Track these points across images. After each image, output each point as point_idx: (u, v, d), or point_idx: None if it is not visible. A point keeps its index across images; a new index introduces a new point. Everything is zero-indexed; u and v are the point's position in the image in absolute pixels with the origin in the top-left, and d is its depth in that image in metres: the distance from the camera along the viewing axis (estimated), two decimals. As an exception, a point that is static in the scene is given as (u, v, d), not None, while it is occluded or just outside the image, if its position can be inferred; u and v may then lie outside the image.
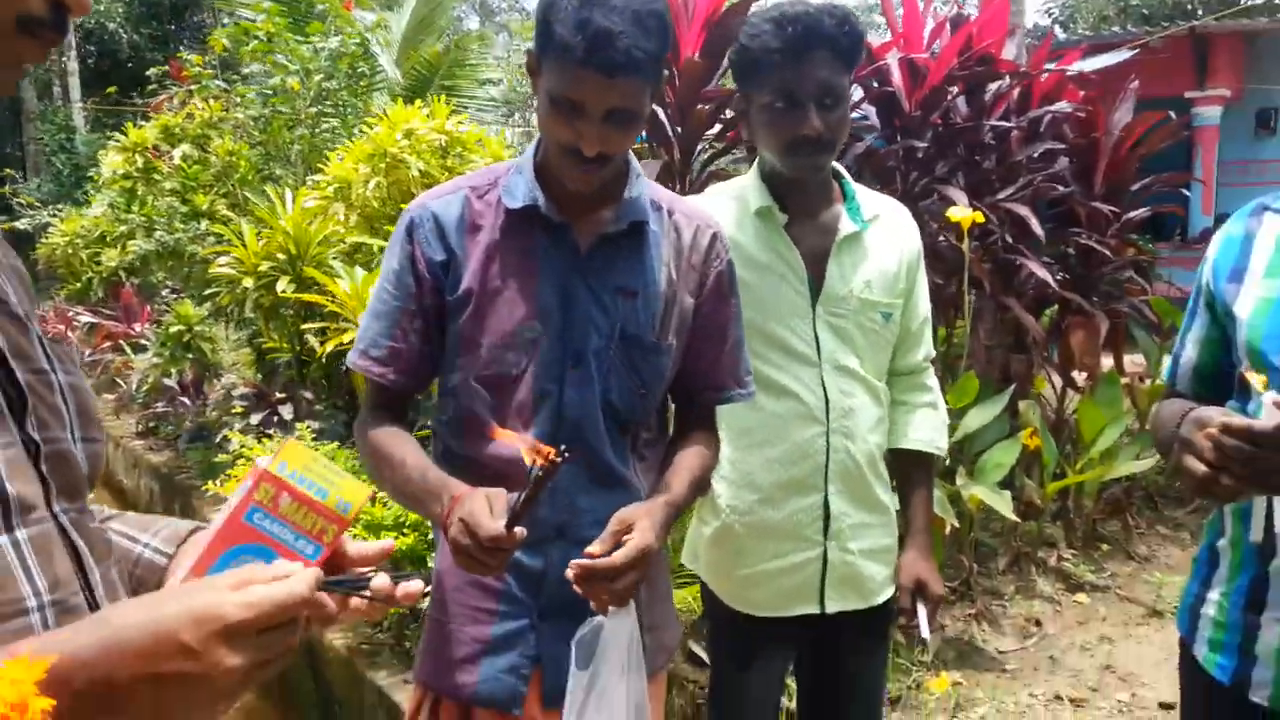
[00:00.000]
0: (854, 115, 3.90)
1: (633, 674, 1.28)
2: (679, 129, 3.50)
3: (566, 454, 1.09)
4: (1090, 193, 4.42)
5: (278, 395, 4.57)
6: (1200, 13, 9.41)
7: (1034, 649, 3.46)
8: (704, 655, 2.78)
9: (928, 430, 1.84)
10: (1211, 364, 1.44)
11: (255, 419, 4.36)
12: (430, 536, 2.69)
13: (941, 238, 3.89)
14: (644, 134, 3.88)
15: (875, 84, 3.76)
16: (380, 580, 0.77)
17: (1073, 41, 7.87)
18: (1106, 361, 4.49)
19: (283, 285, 4.46)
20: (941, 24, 4.00)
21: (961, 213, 3.19)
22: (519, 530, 1.15)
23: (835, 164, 1.79)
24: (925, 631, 1.76)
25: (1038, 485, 4.00)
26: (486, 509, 1.17)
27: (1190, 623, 1.43)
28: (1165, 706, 3.02)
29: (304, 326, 4.47)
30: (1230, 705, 1.34)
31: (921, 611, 1.78)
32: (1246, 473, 1.09)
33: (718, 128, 3.60)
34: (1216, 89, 9.44)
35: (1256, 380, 1.14)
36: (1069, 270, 4.54)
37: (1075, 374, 4.44)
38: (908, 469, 1.86)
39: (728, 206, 1.75)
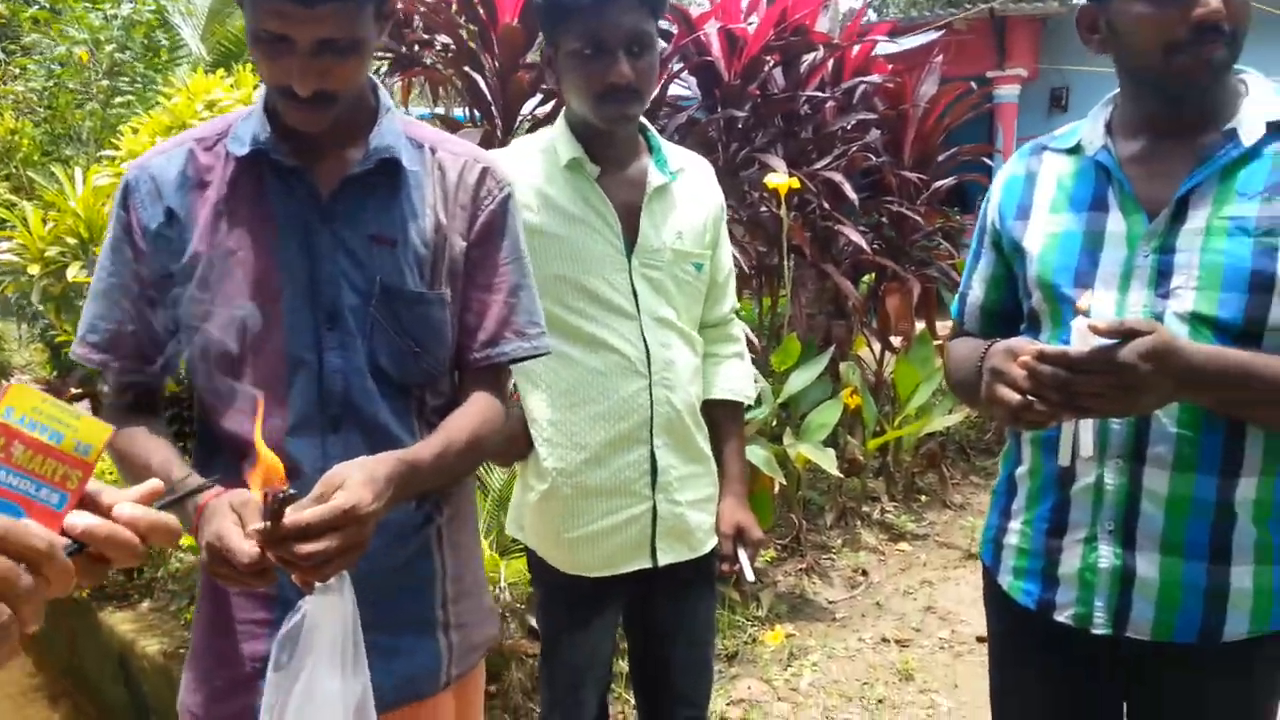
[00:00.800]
0: (676, 87, 3.95)
1: (350, 669, 1.05)
2: (499, 98, 3.43)
3: (293, 493, 0.97)
4: (900, 162, 4.62)
5: (73, 391, 4.23)
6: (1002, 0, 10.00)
7: (861, 597, 3.61)
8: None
9: (737, 380, 1.88)
10: (998, 301, 1.49)
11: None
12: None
13: (764, 208, 3.99)
14: (461, 101, 3.80)
15: (695, 54, 3.80)
16: (126, 510, 0.67)
17: (884, 21, 8.21)
18: (920, 324, 4.72)
19: (74, 271, 4.10)
20: (757, -5, 4.08)
21: (779, 179, 3.26)
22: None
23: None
24: (749, 574, 1.80)
25: (860, 443, 4.17)
26: (235, 530, 1.02)
27: (994, 553, 1.47)
28: (981, 640, 3.21)
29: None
30: (1038, 629, 1.39)
31: (743, 555, 1.81)
32: (1060, 398, 1.12)
33: (540, 97, 3.55)
34: (1014, 69, 10.07)
35: (1083, 299, 1.18)
36: (883, 238, 4.74)
37: (892, 337, 4.65)
38: (719, 418, 1.87)
39: (536, 160, 1.71)
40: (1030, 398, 1.14)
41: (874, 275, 4.78)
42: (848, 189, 3.94)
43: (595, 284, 1.67)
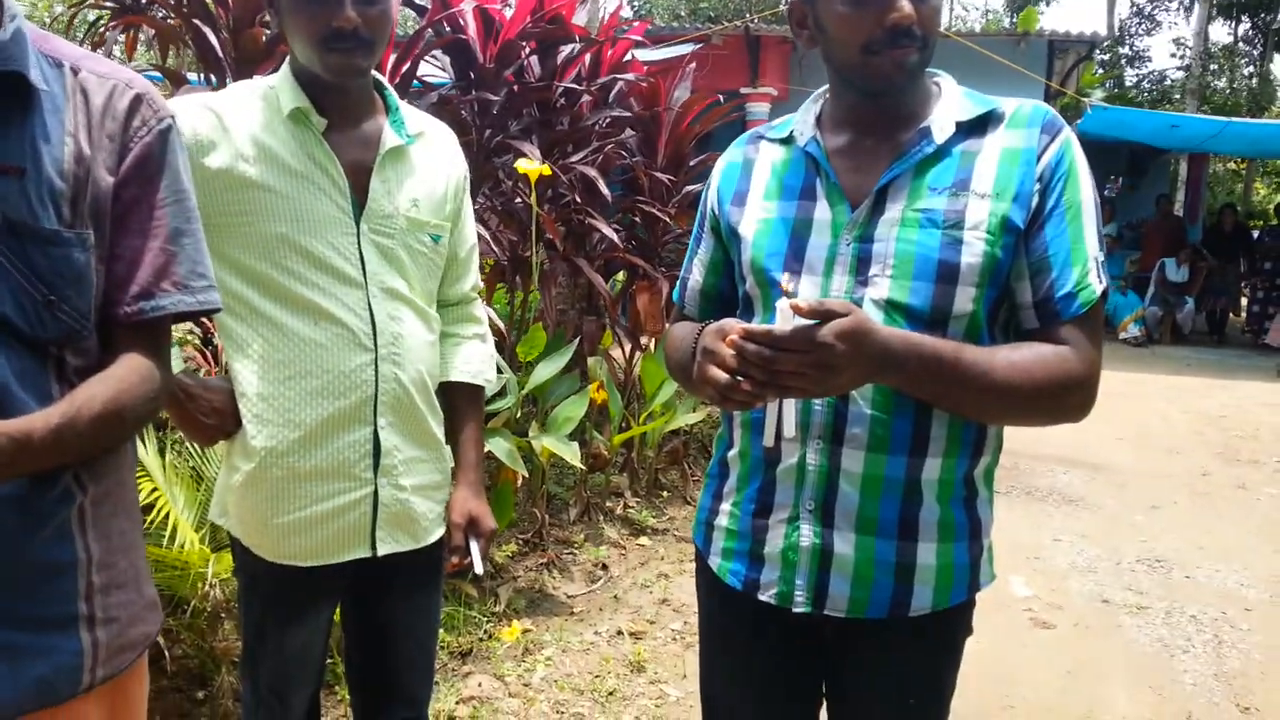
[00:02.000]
0: (427, 65, 3.81)
1: None
2: (231, 55, 3.16)
3: None
4: (653, 163, 4.70)
5: None
6: (756, 20, 10.50)
7: (600, 591, 3.62)
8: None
9: (477, 362, 1.79)
10: (715, 285, 1.51)
11: None
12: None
13: (517, 198, 3.92)
14: (193, 60, 3.48)
15: (449, 31, 3.67)
16: None
17: (645, 32, 8.40)
18: (669, 324, 4.82)
19: None
20: (515, -21, 4.00)
21: (530, 165, 3.21)
22: None
23: (376, 73, 1.66)
24: (479, 567, 1.71)
25: (605, 438, 4.19)
26: None
27: (705, 535, 1.48)
28: (711, 631, 3.29)
29: None
30: (746, 610, 1.41)
31: (474, 547, 1.73)
32: (764, 376, 1.14)
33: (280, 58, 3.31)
34: (766, 87, 10.61)
35: (786, 281, 1.20)
36: (635, 238, 4.81)
37: (641, 336, 4.72)
38: (457, 402, 1.78)
39: (254, 105, 1.55)
40: (737, 377, 1.16)
41: (625, 274, 4.84)
42: (601, 185, 3.95)
43: (318, 247, 1.53)
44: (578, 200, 4.11)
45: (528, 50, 3.89)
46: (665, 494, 4.65)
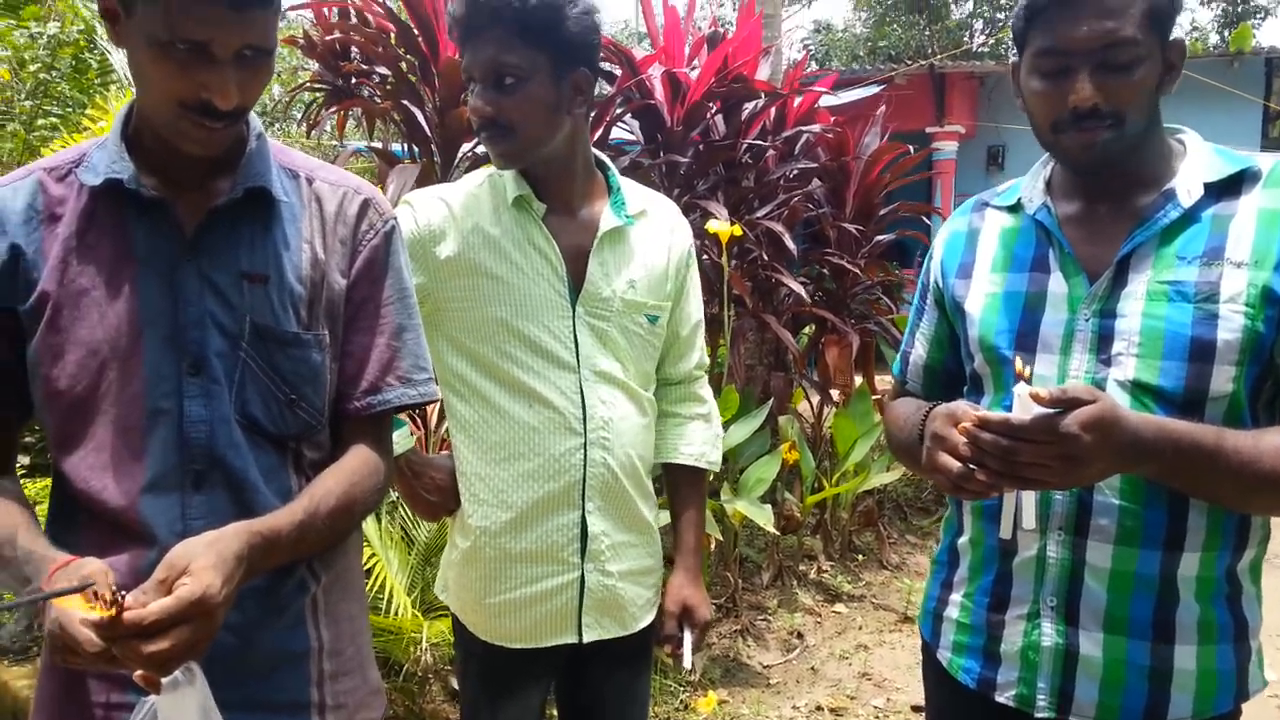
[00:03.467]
0: (619, 130, 3.87)
1: None
2: (438, 133, 3.31)
3: (123, 597, 0.89)
4: (841, 214, 4.60)
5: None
6: (941, 58, 10.23)
7: (796, 661, 3.49)
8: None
9: (699, 444, 1.74)
10: (940, 360, 1.44)
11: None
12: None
13: (705, 256, 3.91)
14: (402, 138, 3.68)
15: (638, 96, 3.73)
16: None
17: (825, 75, 8.33)
18: (859, 378, 4.68)
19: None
20: (700, 41, 4.03)
21: (720, 226, 3.19)
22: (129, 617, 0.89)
23: (599, 154, 1.67)
24: (688, 661, 1.66)
25: (798, 499, 4.08)
26: (76, 618, 0.91)
27: (933, 626, 1.41)
28: (917, 709, 3.11)
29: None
30: (978, 708, 1.32)
31: (687, 639, 1.68)
32: (1002, 467, 1.07)
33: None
34: (953, 126, 10.27)
35: (1019, 365, 1.13)
36: (823, 290, 4.71)
37: (831, 390, 4.59)
38: (678, 485, 1.75)
39: (481, 194, 1.60)
40: (971, 466, 1.10)
41: (813, 327, 4.74)
42: (788, 239, 3.89)
43: (534, 331, 1.55)
44: (764, 256, 4.06)
45: (713, 109, 3.90)
46: (860, 557, 4.47)
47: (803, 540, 4.27)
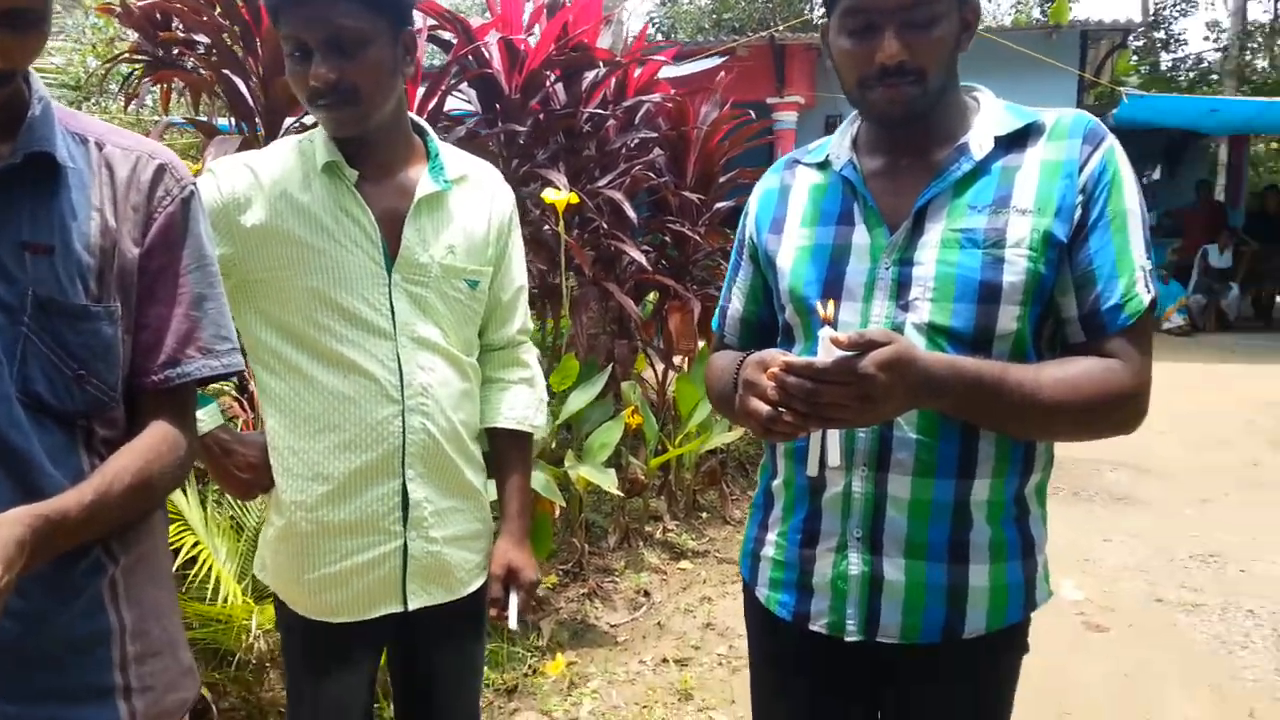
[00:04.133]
0: (454, 99, 3.83)
1: None
2: (262, 104, 3.20)
3: None
4: (682, 182, 4.69)
5: None
6: (781, 29, 10.48)
7: (643, 618, 3.60)
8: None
9: (522, 408, 1.76)
10: (755, 313, 1.50)
11: None
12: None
13: (546, 226, 3.93)
14: (225, 108, 3.52)
15: (475, 65, 3.69)
16: None
17: (667, 46, 8.42)
18: (702, 343, 4.80)
19: None
20: (539, 9, 4.02)
21: (556, 195, 3.21)
22: None
23: (417, 118, 1.66)
24: (513, 621, 1.70)
25: (642, 462, 4.17)
26: None
27: (752, 566, 1.48)
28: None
29: None
30: (794, 640, 1.40)
31: (513, 601, 1.71)
32: (807, 408, 1.13)
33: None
34: (792, 96, 10.57)
35: (821, 310, 1.20)
36: (666, 258, 4.80)
37: (675, 356, 4.70)
38: (502, 449, 1.77)
39: (290, 161, 1.56)
40: (779, 409, 1.15)
41: (657, 294, 4.83)
42: (628, 208, 3.94)
43: (348, 300, 1.53)
44: (605, 225, 4.11)
45: (552, 78, 3.90)
46: (705, 515, 4.62)
47: (648, 502, 4.38)
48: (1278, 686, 3.10)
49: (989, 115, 1.31)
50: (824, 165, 1.40)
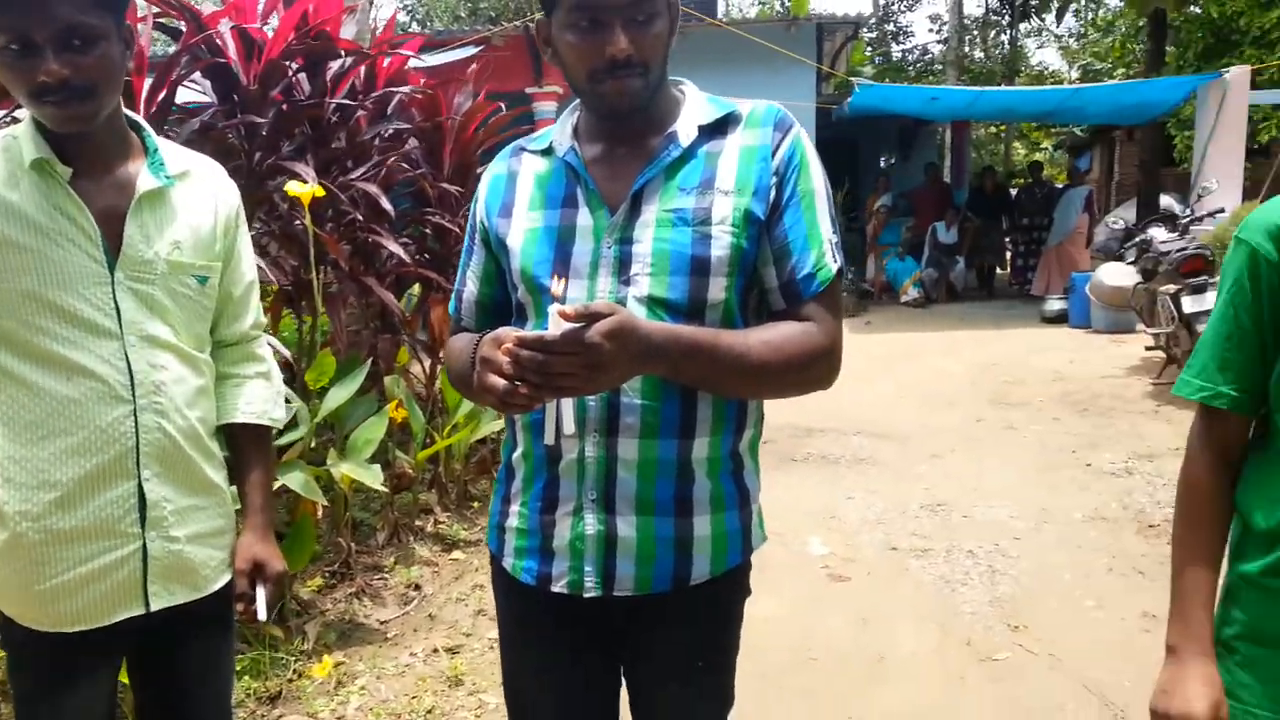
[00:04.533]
0: (187, 90, 3.63)
1: None
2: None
3: None
4: (440, 174, 4.67)
5: None
6: (535, 19, 10.53)
7: (414, 612, 3.60)
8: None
9: (260, 402, 1.76)
10: (490, 295, 1.56)
11: None
12: None
13: (297, 221, 3.81)
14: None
15: (208, 54, 3.52)
16: None
17: (416, 35, 8.27)
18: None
19: None
20: (275, -2, 3.88)
21: (300, 188, 3.13)
22: None
23: (132, 114, 1.62)
24: (262, 613, 1.70)
25: (410, 457, 4.15)
26: None
27: (498, 538, 1.54)
28: (527, 638, 3.34)
29: None
30: (541, 604, 1.47)
31: (260, 593, 1.71)
32: (539, 379, 1.20)
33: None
34: (551, 86, 10.67)
35: (554, 288, 1.28)
36: (427, 250, 4.77)
37: (440, 349, 4.68)
38: (241, 444, 1.76)
39: None
40: (515, 382, 1.22)
41: (421, 287, 4.79)
42: (384, 201, 3.90)
43: (68, 300, 1.48)
44: (360, 218, 4.04)
45: (295, 68, 3.78)
46: (476, 504, 4.65)
47: (418, 496, 4.36)
48: (990, 616, 3.52)
49: (693, 106, 1.44)
50: (548, 152, 1.49)
